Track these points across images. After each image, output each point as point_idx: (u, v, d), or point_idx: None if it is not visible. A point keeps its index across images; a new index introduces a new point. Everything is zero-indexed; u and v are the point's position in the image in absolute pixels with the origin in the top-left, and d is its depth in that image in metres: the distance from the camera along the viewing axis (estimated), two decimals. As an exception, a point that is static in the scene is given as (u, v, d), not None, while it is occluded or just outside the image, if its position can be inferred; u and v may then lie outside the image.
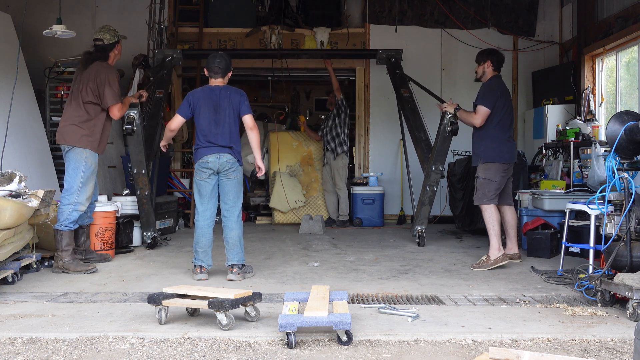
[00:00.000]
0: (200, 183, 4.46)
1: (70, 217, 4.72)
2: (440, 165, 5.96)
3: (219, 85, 4.55)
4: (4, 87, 6.49)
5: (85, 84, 4.81)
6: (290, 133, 8.58)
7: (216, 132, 4.43)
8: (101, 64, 4.89)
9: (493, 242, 4.94)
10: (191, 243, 6.20)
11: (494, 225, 4.99)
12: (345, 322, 2.82)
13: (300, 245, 6.21)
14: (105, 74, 4.83)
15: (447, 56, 8.62)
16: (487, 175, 5.09)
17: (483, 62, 5.28)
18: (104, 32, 4.99)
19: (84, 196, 4.78)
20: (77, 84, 4.88)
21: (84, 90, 4.80)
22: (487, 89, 5.18)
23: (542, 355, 2.33)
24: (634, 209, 3.58)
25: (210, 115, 4.45)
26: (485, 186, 5.07)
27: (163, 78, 6.83)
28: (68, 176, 4.78)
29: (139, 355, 2.71)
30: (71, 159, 4.77)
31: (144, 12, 8.03)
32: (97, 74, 4.81)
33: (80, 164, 4.75)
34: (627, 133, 3.73)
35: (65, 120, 4.83)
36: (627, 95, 7.14)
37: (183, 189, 8.35)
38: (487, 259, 4.93)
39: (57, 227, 4.71)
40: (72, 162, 4.77)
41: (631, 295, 3.23)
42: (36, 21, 7.72)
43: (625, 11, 6.83)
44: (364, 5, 8.64)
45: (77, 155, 4.76)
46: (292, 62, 8.45)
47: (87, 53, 4.98)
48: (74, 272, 4.60)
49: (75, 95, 4.86)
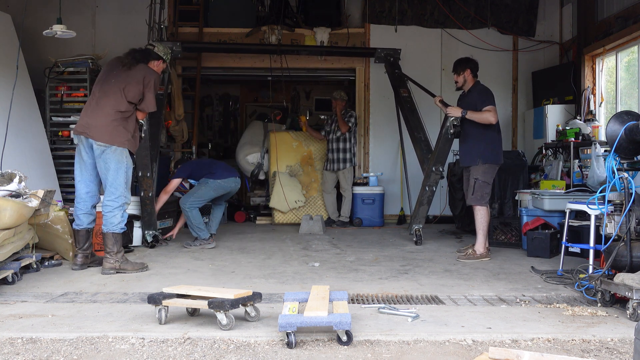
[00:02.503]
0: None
1: (125, 217, 4.69)
2: (440, 166, 6.01)
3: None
4: (4, 87, 6.49)
5: (131, 83, 4.66)
6: (290, 133, 8.58)
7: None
8: (148, 68, 4.84)
9: (480, 239, 5.31)
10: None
11: (485, 225, 5.35)
12: (345, 322, 2.81)
13: (300, 245, 6.21)
14: (153, 79, 4.77)
15: (447, 56, 8.62)
16: (486, 178, 5.32)
17: (462, 72, 5.53)
18: (160, 45, 5.06)
19: (130, 193, 4.77)
20: (116, 80, 4.67)
21: (128, 88, 4.65)
22: (485, 91, 5.44)
23: (542, 355, 2.33)
24: (634, 209, 3.58)
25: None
26: (484, 188, 5.31)
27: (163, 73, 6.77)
28: (111, 177, 4.60)
29: (139, 355, 2.71)
30: (112, 159, 4.59)
31: (144, 12, 8.03)
32: (146, 75, 4.73)
33: (122, 163, 4.64)
34: (627, 133, 3.72)
35: (104, 116, 4.59)
36: (627, 95, 7.14)
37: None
38: (473, 253, 5.29)
39: (114, 230, 4.61)
40: (114, 162, 4.60)
41: (631, 295, 3.23)
42: (36, 21, 7.72)
43: (625, 11, 6.83)
44: (364, 5, 8.64)
45: (119, 155, 4.61)
46: (292, 62, 8.46)
47: (133, 51, 4.88)
48: (132, 271, 4.61)
49: (115, 90, 4.65)
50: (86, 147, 4.65)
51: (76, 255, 4.74)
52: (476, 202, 5.32)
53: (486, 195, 5.33)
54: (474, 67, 5.52)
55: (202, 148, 11.59)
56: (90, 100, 4.78)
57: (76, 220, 4.75)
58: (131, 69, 4.73)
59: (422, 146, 6.52)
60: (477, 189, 5.30)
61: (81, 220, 4.73)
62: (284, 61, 8.28)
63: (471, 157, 5.40)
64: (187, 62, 8.60)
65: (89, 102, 4.76)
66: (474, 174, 5.36)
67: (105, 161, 4.60)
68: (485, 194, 5.32)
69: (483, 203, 5.31)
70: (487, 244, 5.37)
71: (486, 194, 5.33)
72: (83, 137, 4.63)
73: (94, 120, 4.60)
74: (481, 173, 5.31)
